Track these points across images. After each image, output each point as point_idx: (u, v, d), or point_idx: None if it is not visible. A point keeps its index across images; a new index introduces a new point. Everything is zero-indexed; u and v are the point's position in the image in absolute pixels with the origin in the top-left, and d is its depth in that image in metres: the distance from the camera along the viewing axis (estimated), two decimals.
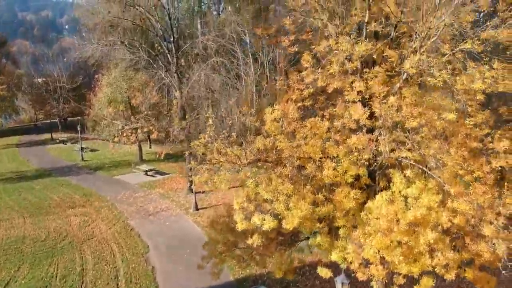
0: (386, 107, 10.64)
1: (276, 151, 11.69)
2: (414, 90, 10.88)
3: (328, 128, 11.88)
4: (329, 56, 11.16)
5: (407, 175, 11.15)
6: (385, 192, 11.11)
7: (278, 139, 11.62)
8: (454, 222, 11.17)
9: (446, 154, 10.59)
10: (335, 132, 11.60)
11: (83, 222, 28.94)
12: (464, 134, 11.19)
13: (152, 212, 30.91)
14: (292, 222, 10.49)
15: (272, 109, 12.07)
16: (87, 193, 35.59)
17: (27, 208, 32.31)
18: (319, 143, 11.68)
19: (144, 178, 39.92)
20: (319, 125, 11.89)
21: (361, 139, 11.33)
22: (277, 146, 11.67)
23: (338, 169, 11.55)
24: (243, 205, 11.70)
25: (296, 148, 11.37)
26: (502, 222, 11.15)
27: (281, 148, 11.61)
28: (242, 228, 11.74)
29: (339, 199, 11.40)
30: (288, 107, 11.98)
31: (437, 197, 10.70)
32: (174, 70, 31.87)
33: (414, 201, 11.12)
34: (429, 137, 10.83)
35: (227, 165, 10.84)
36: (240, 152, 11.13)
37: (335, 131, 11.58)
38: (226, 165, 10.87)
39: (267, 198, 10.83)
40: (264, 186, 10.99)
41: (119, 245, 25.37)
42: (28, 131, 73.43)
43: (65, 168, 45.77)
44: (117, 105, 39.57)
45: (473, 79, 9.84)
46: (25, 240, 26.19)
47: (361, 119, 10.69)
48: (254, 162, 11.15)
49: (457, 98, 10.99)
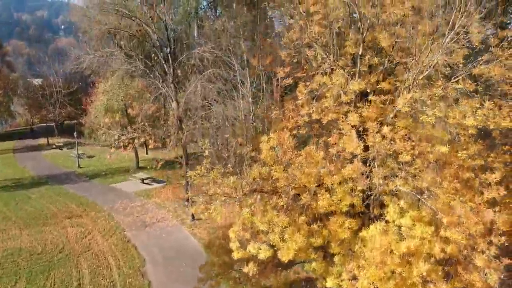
0: (380, 139, 10.80)
1: (271, 180, 11.82)
2: (407, 122, 11.04)
3: (323, 157, 12.03)
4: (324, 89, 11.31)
5: (400, 205, 11.32)
6: (379, 223, 11.27)
7: (274, 168, 11.75)
8: (446, 251, 11.39)
9: (439, 187, 10.77)
10: (330, 161, 11.74)
11: (79, 234, 28.99)
12: (457, 165, 11.37)
13: (149, 223, 30.99)
14: (288, 254, 10.64)
15: (268, 137, 12.22)
16: (84, 203, 35.61)
17: (23, 218, 32.31)
18: (314, 172, 11.82)
19: (140, 186, 39.99)
20: (314, 154, 12.04)
21: (355, 169, 11.49)
22: (273, 175, 11.81)
23: (333, 198, 11.71)
24: (239, 233, 11.85)
25: (291, 178, 11.51)
26: (494, 251, 11.36)
27: (277, 177, 11.76)
28: (238, 257, 11.90)
29: (334, 229, 11.56)
30: (284, 135, 12.12)
31: (429, 228, 10.88)
32: (171, 80, 31.94)
33: (408, 230, 11.32)
34: (422, 169, 10.99)
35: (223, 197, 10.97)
36: (236, 183, 11.26)
37: (330, 161, 11.72)
38: (222, 197, 11.00)
39: (262, 229, 10.95)
40: (259, 217, 11.12)
41: (116, 258, 25.46)
42: (24, 135, 73.17)
43: (62, 175, 45.72)
44: (114, 114, 39.61)
45: (465, 114, 10.01)
46: (22, 253, 26.21)
47: (356, 152, 10.84)
48: (250, 193, 11.28)
49: (449, 130, 11.17)
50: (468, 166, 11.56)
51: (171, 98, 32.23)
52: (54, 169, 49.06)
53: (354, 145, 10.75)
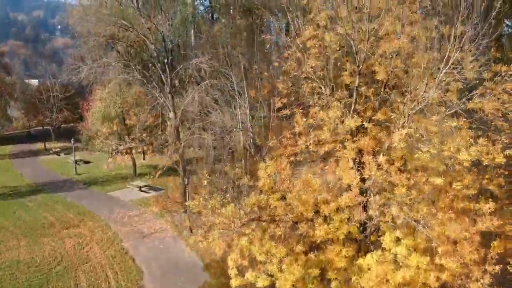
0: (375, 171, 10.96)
1: (269, 209, 11.98)
2: (402, 152, 11.21)
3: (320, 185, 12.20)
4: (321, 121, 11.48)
5: (396, 235, 11.51)
6: (375, 252, 11.45)
7: (271, 197, 11.91)
8: (442, 278, 11.60)
9: (434, 218, 10.95)
10: (327, 190, 11.91)
11: (77, 245, 29.06)
12: (452, 195, 11.55)
13: (147, 233, 31.07)
14: (285, 285, 10.80)
15: (265, 165, 12.38)
16: (81, 212, 35.65)
17: (21, 228, 32.34)
18: (311, 201, 11.99)
19: (138, 194, 40.04)
20: (311, 182, 12.21)
21: (352, 197, 11.67)
22: (271, 204, 11.97)
23: (330, 226, 11.89)
24: (237, 261, 12.01)
25: (289, 208, 11.67)
26: (488, 280, 11.57)
27: (275, 205, 11.92)
28: (236, 284, 12.06)
29: (331, 257, 11.73)
30: (281, 164, 12.27)
31: (425, 259, 11.08)
32: (168, 90, 32.04)
33: (404, 259, 11.52)
34: (418, 200, 11.17)
35: (221, 227, 11.11)
36: (234, 213, 11.40)
37: (327, 190, 11.89)
38: (220, 227, 11.14)
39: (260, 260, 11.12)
40: (257, 247, 11.28)
41: (114, 270, 25.55)
42: (21, 139, 72.95)
43: (59, 182, 45.72)
44: (111, 123, 39.64)
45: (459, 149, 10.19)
46: (20, 266, 26.24)
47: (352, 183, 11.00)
48: (248, 222, 11.43)
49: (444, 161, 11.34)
50: (463, 195, 11.74)
51: (169, 108, 32.33)
52: (51, 175, 49.04)
53: (351, 177, 10.92)
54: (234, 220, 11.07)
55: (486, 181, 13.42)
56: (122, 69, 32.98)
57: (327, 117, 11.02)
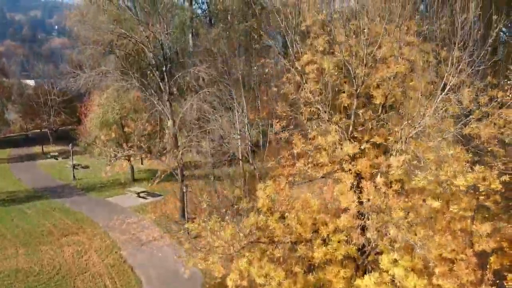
0: (374, 193, 11.07)
1: (268, 230, 12.08)
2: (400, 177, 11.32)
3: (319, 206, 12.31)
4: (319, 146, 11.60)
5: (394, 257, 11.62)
6: (373, 274, 11.57)
7: (270, 219, 12.01)
8: None
9: (431, 240, 11.07)
10: (325, 212, 12.02)
11: (76, 253, 29.08)
12: (449, 217, 11.68)
13: (145, 241, 31.13)
14: None
15: (264, 185, 12.47)
16: (80, 219, 35.66)
17: (19, 236, 32.33)
18: (310, 222, 12.10)
19: (136, 200, 40.07)
20: (310, 203, 12.31)
21: (350, 219, 11.77)
22: (269, 225, 12.06)
23: (328, 247, 11.99)
24: (236, 282, 12.09)
25: (288, 230, 11.77)
26: None
27: (273, 227, 12.02)
28: None
29: (329, 279, 11.84)
30: (280, 184, 12.37)
31: (422, 281, 11.20)
32: (166, 98, 32.12)
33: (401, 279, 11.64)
34: (415, 222, 11.29)
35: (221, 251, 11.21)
36: (233, 235, 11.50)
37: (325, 211, 12.00)
38: (219, 250, 11.24)
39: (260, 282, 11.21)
40: (256, 269, 11.37)
41: (112, 280, 25.59)
42: (19, 142, 72.70)
43: (57, 188, 45.68)
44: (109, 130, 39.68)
45: (456, 174, 10.31)
46: (18, 275, 26.27)
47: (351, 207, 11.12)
48: (247, 245, 11.52)
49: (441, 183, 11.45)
50: (460, 217, 11.86)
51: (167, 116, 32.41)
52: (49, 181, 49.02)
53: (349, 200, 11.03)
54: (234, 243, 11.17)
55: (483, 198, 13.55)
56: (120, 77, 33.02)
57: (325, 142, 11.13)
